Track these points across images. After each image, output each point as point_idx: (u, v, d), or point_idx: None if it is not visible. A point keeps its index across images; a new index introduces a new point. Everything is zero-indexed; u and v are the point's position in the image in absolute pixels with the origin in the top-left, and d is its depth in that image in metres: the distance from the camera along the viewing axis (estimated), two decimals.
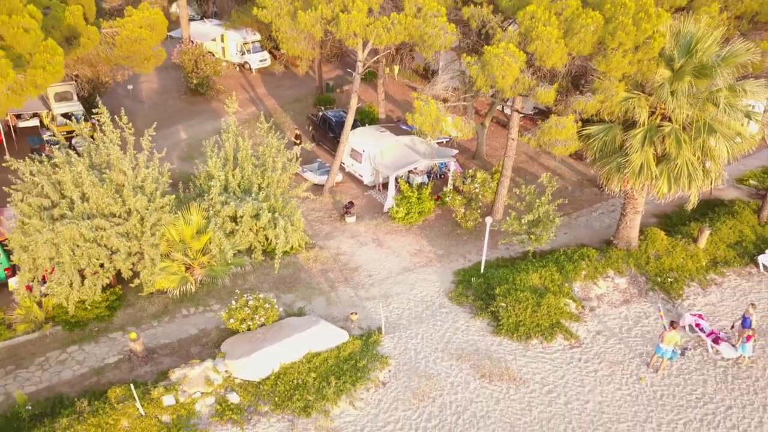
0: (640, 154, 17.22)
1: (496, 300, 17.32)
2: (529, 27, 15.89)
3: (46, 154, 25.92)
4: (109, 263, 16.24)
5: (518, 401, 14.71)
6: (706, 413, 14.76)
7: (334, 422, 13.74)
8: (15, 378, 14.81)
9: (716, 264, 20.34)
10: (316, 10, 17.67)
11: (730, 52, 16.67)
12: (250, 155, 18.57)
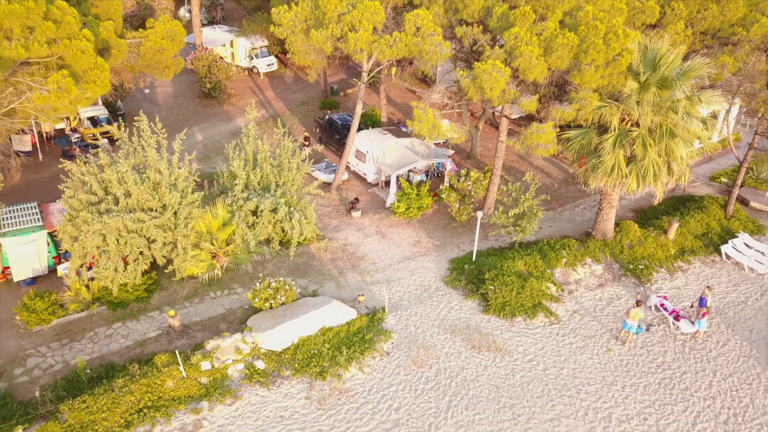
0: (611, 156, 19.78)
1: (486, 284, 19.89)
2: (513, 46, 18.43)
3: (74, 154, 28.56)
4: (147, 251, 18.78)
5: (503, 368, 17.29)
6: (664, 377, 17.36)
7: (345, 384, 16.32)
8: (70, 349, 17.35)
9: (684, 253, 22.94)
10: (327, 29, 20.21)
11: (689, 67, 19.21)
12: (269, 156, 21.13)
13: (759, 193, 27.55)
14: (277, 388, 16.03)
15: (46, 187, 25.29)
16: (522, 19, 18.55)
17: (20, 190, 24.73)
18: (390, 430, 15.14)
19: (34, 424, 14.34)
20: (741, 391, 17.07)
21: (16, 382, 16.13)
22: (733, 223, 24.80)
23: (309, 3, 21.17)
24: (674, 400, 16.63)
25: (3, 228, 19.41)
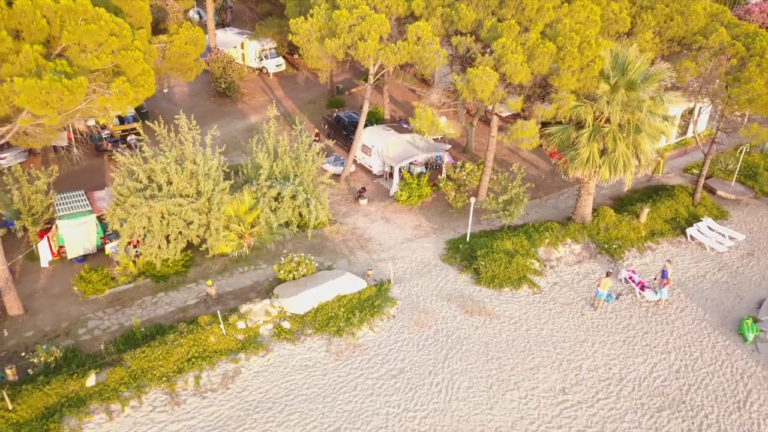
0: (587, 148, 23.02)
1: (478, 260, 23.15)
2: (501, 54, 21.64)
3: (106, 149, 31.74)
4: (186, 231, 21.99)
5: (492, 328, 20.56)
6: (628, 336, 20.65)
7: (358, 340, 19.57)
8: (123, 314, 20.55)
9: (653, 235, 26.23)
10: (340, 38, 23.40)
11: (654, 72, 22.48)
12: (288, 150, 24.35)
13: (726, 183, 30.84)
14: (301, 344, 19.29)
15: (83, 178, 28.51)
16: (508, 30, 21.76)
17: (60, 180, 27.77)
18: (396, 376, 18.41)
19: (103, 370, 17.54)
20: (693, 347, 20.38)
21: (81, 339, 19.34)
22: (699, 209, 28.09)
23: (323, 15, 24.36)
24: (635, 354, 19.92)
25: (58, 212, 22.58)
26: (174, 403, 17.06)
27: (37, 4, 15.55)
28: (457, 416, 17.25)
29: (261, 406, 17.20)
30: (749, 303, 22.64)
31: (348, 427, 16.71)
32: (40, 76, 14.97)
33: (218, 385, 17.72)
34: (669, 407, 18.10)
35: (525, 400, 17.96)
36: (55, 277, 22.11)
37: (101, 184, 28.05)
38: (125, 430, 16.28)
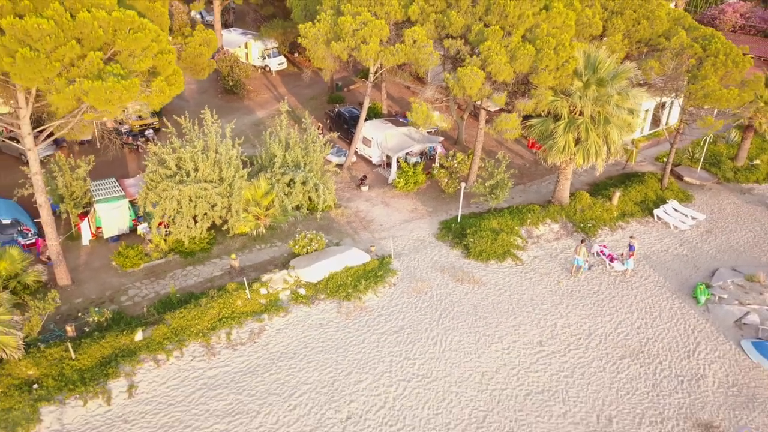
0: (563, 138, 26.43)
1: (467, 237, 26.53)
2: (487, 55, 24.99)
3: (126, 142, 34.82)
4: (210, 212, 25.22)
5: (479, 294, 23.97)
6: (598, 300, 24.12)
7: (365, 303, 22.92)
8: (157, 284, 23.76)
9: (624, 215, 29.73)
10: (344, 41, 26.67)
11: (621, 70, 25.90)
12: (298, 141, 27.62)
13: (692, 170, 34.41)
14: (315, 306, 22.62)
15: (108, 168, 31.56)
16: (493, 35, 25.10)
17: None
18: (398, 332, 21.78)
19: (148, 328, 20.76)
20: (653, 309, 23.89)
21: (124, 305, 22.55)
22: (666, 193, 31.62)
23: (329, 20, 27.61)
24: (603, 314, 23.40)
25: (95, 197, 25.73)
26: (210, 354, 20.34)
27: (95, 16, 18.67)
28: (450, 363, 20.64)
29: (284, 356, 20.51)
30: (704, 272, 26.19)
31: (358, 371, 20.06)
32: (101, 77, 18.14)
33: (246, 339, 21.02)
34: (629, 356, 21.58)
35: (507, 351, 21.38)
36: (94, 254, 25.30)
37: (125, 173, 31.21)
38: (170, 375, 19.55)
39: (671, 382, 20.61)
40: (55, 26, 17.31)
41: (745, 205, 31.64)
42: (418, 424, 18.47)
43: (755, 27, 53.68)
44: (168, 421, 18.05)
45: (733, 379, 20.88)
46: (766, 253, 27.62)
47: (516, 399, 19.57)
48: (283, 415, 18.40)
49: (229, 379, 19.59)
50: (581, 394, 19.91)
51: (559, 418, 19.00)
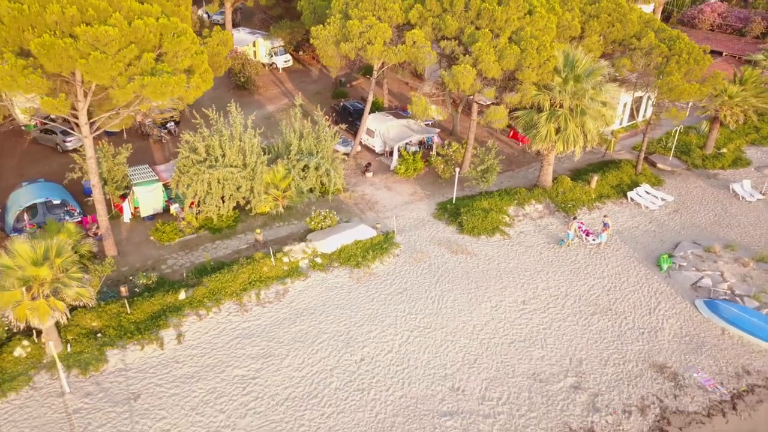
0: (545, 127, 30.36)
1: (461, 216, 30.48)
2: (477, 54, 28.89)
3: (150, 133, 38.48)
4: (235, 193, 29.05)
5: (471, 263, 27.94)
6: (574, 268, 28.14)
7: (372, 270, 26.85)
8: (191, 255, 27.59)
9: (601, 197, 33.75)
10: (352, 42, 30.53)
11: (595, 68, 29.86)
12: (310, 131, 31.47)
13: (665, 157, 38.49)
14: (330, 272, 26.54)
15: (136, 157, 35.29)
16: (483, 37, 29.00)
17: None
18: (401, 292, 25.74)
19: (189, 289, 24.61)
20: (621, 275, 27.93)
21: (164, 272, 26.38)
22: (640, 178, 35.65)
23: (338, 23, 31.44)
24: (578, 279, 27.43)
25: (133, 181, 29.53)
26: (243, 310, 24.24)
27: (147, 23, 22.43)
28: (446, 317, 24.62)
29: (305, 312, 24.44)
30: (669, 245, 30.25)
31: (369, 323, 24.01)
32: (155, 74, 21.95)
33: (273, 298, 24.93)
34: (599, 313, 25.61)
35: (495, 308, 25.38)
36: (134, 230, 29.12)
37: (151, 161, 34.92)
38: (211, 327, 23.44)
39: (634, 333, 24.67)
40: (118, 32, 21.09)
41: (710, 188, 35.74)
42: (419, 365, 22.44)
43: (731, 26, 57.87)
44: (212, 362, 21.96)
45: (686, 330, 24.96)
46: (724, 229, 31.72)
47: (502, 346, 23.58)
48: (308, 357, 22.35)
49: (261, 330, 23.51)
50: (557, 342, 23.94)
51: (538, 360, 23.01)
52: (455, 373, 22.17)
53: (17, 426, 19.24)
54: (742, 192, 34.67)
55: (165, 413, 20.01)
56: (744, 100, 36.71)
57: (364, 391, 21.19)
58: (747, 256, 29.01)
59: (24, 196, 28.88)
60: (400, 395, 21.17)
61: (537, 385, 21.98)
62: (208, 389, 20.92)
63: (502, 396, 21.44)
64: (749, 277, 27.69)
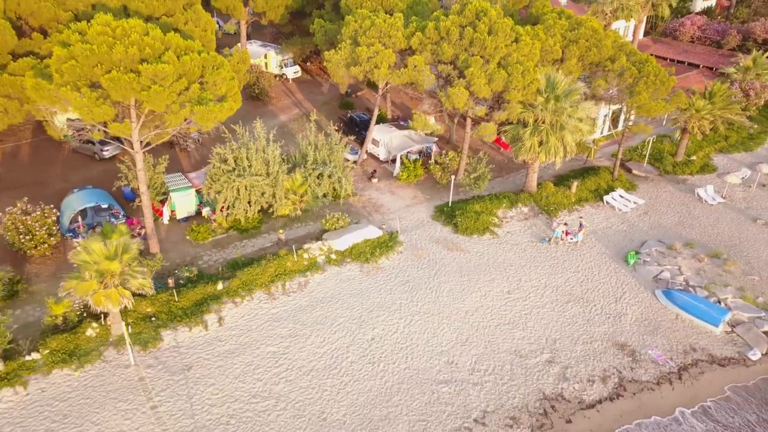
0: (530, 141, 35.22)
1: (456, 217, 35.37)
2: (470, 78, 33.72)
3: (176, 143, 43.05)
4: (260, 198, 33.89)
5: (464, 258, 32.85)
6: (554, 263, 33.06)
7: (380, 265, 31.75)
8: (223, 252, 32.43)
9: (580, 200, 38.67)
10: (361, 66, 35.33)
11: (573, 89, 34.73)
12: (324, 143, 36.32)
13: (639, 164, 43.42)
14: (344, 267, 31.43)
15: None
16: (475, 62, 33.82)
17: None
18: (404, 284, 30.65)
19: (225, 281, 29.46)
20: (594, 269, 32.87)
21: (201, 266, 31.22)
22: (616, 183, 40.60)
23: (347, 49, 36.22)
24: (556, 273, 32.35)
25: (169, 187, 34.34)
26: (271, 299, 29.13)
27: (192, 58, 27.20)
28: (442, 304, 29.54)
29: (324, 300, 29.34)
30: (636, 243, 35.21)
31: (377, 309, 28.92)
32: (201, 102, 26.76)
33: (296, 289, 29.82)
34: (574, 301, 30.54)
35: (484, 297, 30.30)
36: (171, 231, 33.96)
37: (180, 168, 39.64)
38: (245, 312, 28.31)
39: (601, 318, 29.63)
40: (171, 68, 25.88)
41: (677, 192, 40.70)
42: (420, 343, 27.36)
43: (710, 38, 62.77)
44: (248, 340, 26.86)
45: (646, 315, 29.93)
46: (686, 229, 36.68)
47: (489, 328, 28.51)
48: (327, 337, 27.26)
49: (287, 314, 28.41)
50: (536, 326, 28.88)
51: (519, 339, 27.96)
52: (450, 350, 27.10)
53: (96, 391, 24.12)
54: (706, 196, 39.63)
55: (213, 381, 24.90)
56: (710, 113, 41.62)
57: (375, 364, 26.12)
58: (703, 253, 33.98)
59: (76, 201, 33.65)
60: (404, 367, 26.09)
61: (518, 360, 26.93)
62: (246, 362, 25.82)
63: (488, 368, 26.38)
64: (703, 270, 32.67)
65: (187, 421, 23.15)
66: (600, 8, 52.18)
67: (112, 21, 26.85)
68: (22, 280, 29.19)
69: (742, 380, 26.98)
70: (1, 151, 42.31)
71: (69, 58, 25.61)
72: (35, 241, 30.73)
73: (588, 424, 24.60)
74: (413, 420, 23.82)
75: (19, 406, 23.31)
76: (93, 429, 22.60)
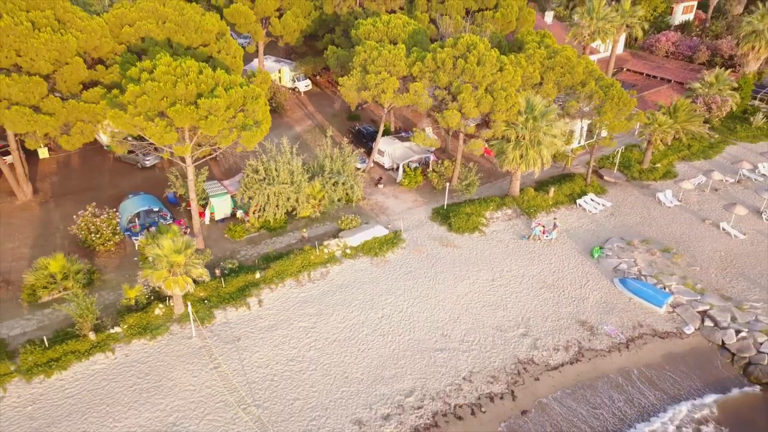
0: (512, 154, 42.63)
1: (450, 218, 42.82)
2: (462, 102, 41.10)
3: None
4: (286, 203, 41.26)
5: (457, 253, 40.32)
6: (531, 257, 40.55)
7: (386, 258, 39.20)
8: (256, 247, 39.80)
9: (557, 203, 46.14)
10: (370, 91, 42.67)
11: (548, 110, 42.14)
12: (338, 155, 43.72)
13: (610, 171, 50.91)
14: (357, 260, 38.86)
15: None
16: (466, 89, 41.16)
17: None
18: (407, 273, 38.12)
19: (262, 271, 36.83)
20: (564, 261, 40.39)
21: (240, 260, 38.58)
22: (588, 188, 48.08)
23: (358, 76, 43.52)
24: (533, 264, 39.85)
25: (209, 193, 41.68)
26: (300, 285, 36.54)
27: (237, 91, 34.44)
28: (438, 289, 37.01)
29: (342, 286, 36.76)
30: (602, 240, 42.70)
31: (386, 293, 36.35)
32: (245, 128, 34.04)
33: (319, 277, 37.23)
34: (546, 287, 38.02)
35: (472, 284, 37.77)
36: (211, 230, 41.32)
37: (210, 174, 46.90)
38: (279, 296, 35.71)
39: (568, 300, 37.12)
40: (222, 101, 33.17)
41: (641, 196, 48.21)
42: (420, 320, 34.79)
43: (682, 53, 70.25)
44: (284, 318, 34.27)
45: (604, 299, 37.43)
46: (645, 228, 44.18)
47: (476, 308, 35.97)
48: (346, 315, 34.69)
49: (313, 298, 35.83)
50: (514, 307, 36.34)
51: (500, 318, 35.44)
52: (444, 325, 34.56)
53: (168, 356, 31.49)
54: (665, 199, 47.13)
55: (258, 348, 32.30)
56: (671, 127, 49.09)
57: (384, 336, 33.57)
58: (656, 248, 41.50)
59: (132, 205, 40.96)
60: (408, 338, 33.54)
61: (498, 333, 34.39)
62: (283, 335, 33.23)
63: (475, 339, 33.83)
64: (654, 263, 40.19)
65: (240, 379, 30.55)
66: (579, 30, 59.56)
67: (172, 62, 34.11)
68: (96, 271, 36.53)
69: (676, 350, 34.52)
70: (56, 160, 49.61)
71: (141, 93, 32.91)
72: (103, 239, 38.05)
73: (552, 381, 32.07)
74: (416, 378, 31.27)
75: (110, 367, 30.69)
76: (170, 383, 29.98)
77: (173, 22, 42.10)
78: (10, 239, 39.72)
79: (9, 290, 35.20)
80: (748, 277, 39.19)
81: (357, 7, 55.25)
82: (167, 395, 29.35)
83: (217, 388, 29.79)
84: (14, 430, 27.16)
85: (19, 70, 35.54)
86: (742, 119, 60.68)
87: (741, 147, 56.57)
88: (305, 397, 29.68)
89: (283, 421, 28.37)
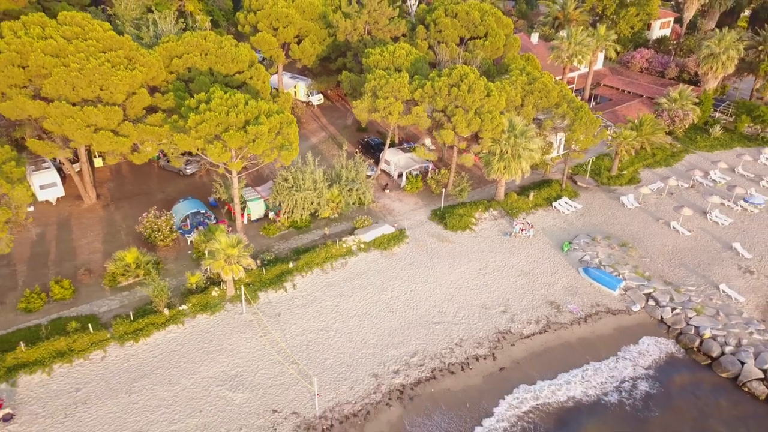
0: (497, 165, 52.59)
1: (446, 218, 52.83)
2: (455, 123, 51.03)
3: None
4: (310, 206, 51.18)
5: (450, 247, 50.35)
6: (512, 251, 50.62)
7: (394, 252, 49.23)
8: (287, 242, 49.72)
9: (536, 206, 56.18)
10: (379, 113, 52.58)
11: (527, 129, 52.11)
12: (352, 166, 53.69)
13: (583, 177, 60.98)
14: (370, 253, 48.87)
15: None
16: (459, 112, 51.06)
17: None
18: (411, 264, 48.16)
19: (293, 262, 46.75)
20: (539, 254, 50.39)
21: (275, 252, 48.46)
22: (563, 193, 58.12)
23: (369, 100, 53.39)
24: (513, 256, 49.90)
25: (246, 198, 51.59)
26: (324, 273, 46.52)
27: (275, 118, 44.18)
28: (436, 277, 47.05)
29: (359, 274, 46.76)
30: (571, 236, 52.76)
31: (393, 279, 46.37)
32: (284, 148, 43.91)
33: (340, 267, 47.22)
34: (523, 275, 48.06)
35: (463, 272, 47.81)
36: (248, 229, 51.26)
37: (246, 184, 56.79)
38: (309, 281, 45.68)
39: (540, 285, 47.18)
40: (266, 128, 42.98)
41: (608, 199, 58.28)
42: (421, 299, 44.81)
43: (655, 69, 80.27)
44: (313, 298, 44.26)
45: (570, 284, 47.49)
46: (609, 227, 54.25)
47: (466, 291, 46.03)
48: (363, 296, 44.72)
49: (336, 283, 45.83)
50: (497, 291, 46.39)
51: (485, 299, 45.51)
52: (440, 304, 44.61)
53: (225, 327, 41.45)
54: (627, 202, 57.20)
55: (295, 321, 42.27)
56: (635, 139, 59.10)
57: (393, 312, 43.59)
58: (615, 243, 51.57)
59: (183, 208, 50.83)
60: (412, 314, 43.57)
61: (483, 311, 44.43)
62: (314, 311, 43.21)
63: (465, 315, 43.86)
64: (613, 255, 50.28)
65: (283, 344, 40.51)
66: (559, 53, 69.49)
67: (224, 95, 43.94)
68: (160, 262, 46.44)
69: (624, 323, 44.59)
70: (109, 168, 59.45)
71: (201, 120, 42.77)
72: (162, 236, 47.93)
73: (525, 347, 42.13)
74: (418, 343, 41.29)
75: (181, 335, 40.63)
76: (229, 347, 39.94)
77: (213, 54, 51.91)
78: (84, 236, 49.60)
79: (92, 277, 45.07)
80: (688, 267, 49.31)
81: (366, 35, 65.01)
82: (228, 356, 39.33)
83: (266, 351, 39.79)
84: (118, 380, 37.10)
85: (99, 100, 45.31)
86: (703, 130, 70.73)
87: (699, 156, 66.68)
88: (334, 357, 39.71)
89: (317, 374, 38.35)
